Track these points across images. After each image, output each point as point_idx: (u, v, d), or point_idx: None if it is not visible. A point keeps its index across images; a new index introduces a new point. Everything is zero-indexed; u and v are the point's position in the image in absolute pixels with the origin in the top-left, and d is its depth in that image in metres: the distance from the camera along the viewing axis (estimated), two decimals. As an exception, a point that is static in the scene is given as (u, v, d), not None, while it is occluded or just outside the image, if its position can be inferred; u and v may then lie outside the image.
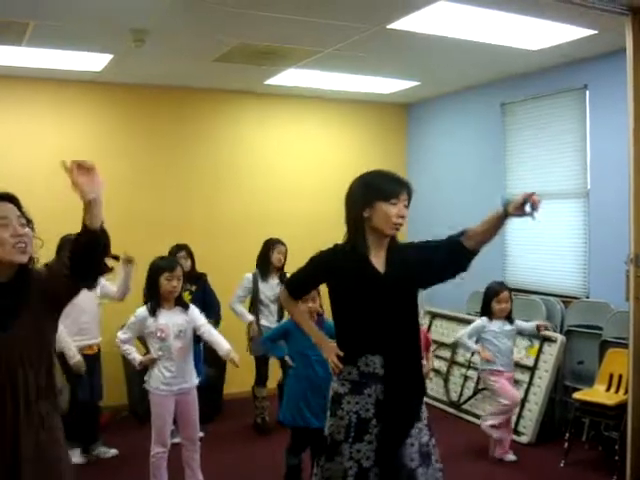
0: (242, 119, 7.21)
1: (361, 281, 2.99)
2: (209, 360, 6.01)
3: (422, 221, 6.18)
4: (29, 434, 2.25)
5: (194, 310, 4.45)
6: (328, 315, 4.47)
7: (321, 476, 2.97)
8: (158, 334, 4.26)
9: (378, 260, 3.03)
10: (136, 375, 6.11)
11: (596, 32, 4.89)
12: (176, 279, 4.29)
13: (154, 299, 4.31)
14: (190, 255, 5.80)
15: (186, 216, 6.86)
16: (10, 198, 2.35)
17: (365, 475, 2.87)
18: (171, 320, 4.31)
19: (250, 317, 5.95)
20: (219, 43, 5.22)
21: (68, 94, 6.45)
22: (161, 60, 5.78)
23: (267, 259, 5.98)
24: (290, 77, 6.42)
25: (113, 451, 5.33)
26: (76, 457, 4.99)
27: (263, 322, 5.96)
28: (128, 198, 6.62)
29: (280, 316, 5.93)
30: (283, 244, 6.00)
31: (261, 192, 7.23)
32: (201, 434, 4.59)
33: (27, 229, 2.30)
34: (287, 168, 7.39)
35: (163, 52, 5.49)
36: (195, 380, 4.43)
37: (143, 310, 4.32)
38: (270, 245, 5.99)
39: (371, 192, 3.06)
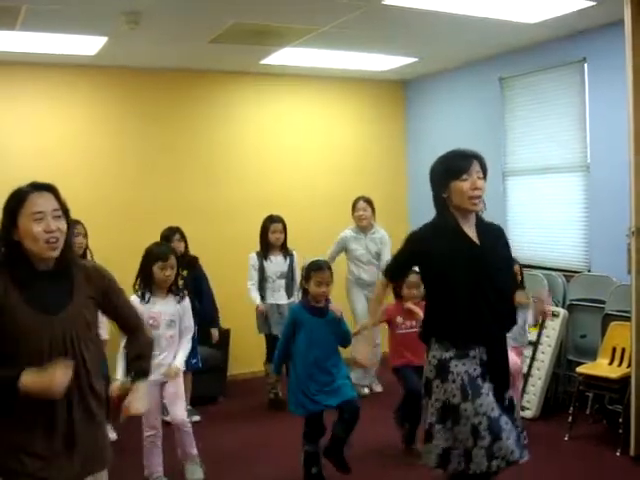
0: (238, 100, 7.17)
1: (459, 251, 3.10)
2: (212, 341, 6.02)
3: (424, 197, 6.15)
4: (80, 409, 2.43)
5: (188, 307, 4.46)
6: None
7: (452, 439, 3.07)
8: (150, 322, 4.20)
9: (470, 233, 3.16)
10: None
11: (594, 4, 4.84)
12: (169, 268, 4.29)
13: (147, 286, 4.30)
14: (183, 238, 5.79)
15: (183, 198, 6.83)
16: (49, 188, 2.43)
17: (497, 424, 3.01)
18: (163, 309, 4.31)
19: (257, 300, 5.98)
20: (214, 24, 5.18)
21: (63, 79, 6.39)
22: (156, 42, 5.73)
23: (265, 238, 6.01)
24: (286, 56, 6.37)
25: (112, 436, 5.29)
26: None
27: (269, 300, 6.01)
28: (124, 181, 6.62)
29: (289, 293, 6.00)
30: (279, 221, 6.01)
31: (258, 173, 7.20)
32: (197, 418, 4.58)
33: (61, 222, 2.40)
34: (284, 148, 7.35)
35: (157, 34, 5.44)
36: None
37: (134, 298, 4.23)
38: (266, 224, 6.04)
39: (443, 174, 3.17)
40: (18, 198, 2.38)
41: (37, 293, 2.36)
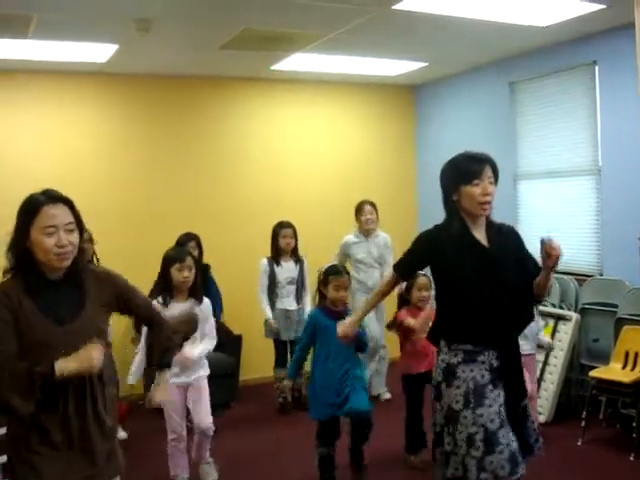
0: (249, 105, 7.18)
1: (467, 253, 3.08)
2: (224, 346, 6.03)
3: (433, 201, 6.15)
4: (93, 417, 2.45)
5: (208, 312, 4.46)
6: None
7: (453, 444, 3.06)
8: None
9: (480, 236, 3.14)
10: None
11: (604, 6, 4.83)
12: (187, 269, 4.30)
13: (167, 291, 4.32)
14: (199, 246, 5.82)
15: (193, 204, 6.85)
16: (65, 200, 2.44)
17: (494, 437, 2.96)
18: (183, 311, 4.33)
19: (268, 314, 6.00)
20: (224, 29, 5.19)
21: (74, 86, 6.44)
22: (166, 49, 5.76)
23: (275, 244, 6.03)
24: (296, 62, 6.39)
25: (122, 434, 5.22)
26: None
27: (279, 305, 6.04)
28: (135, 187, 6.65)
29: (298, 299, 5.99)
30: (289, 227, 6.04)
31: (269, 178, 7.21)
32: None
33: (73, 235, 2.40)
34: (295, 153, 7.36)
35: (168, 41, 5.47)
36: (206, 370, 4.46)
37: (154, 304, 4.29)
38: (276, 230, 6.07)
39: (454, 177, 3.15)
40: (32, 208, 2.38)
41: (50, 302, 2.37)
